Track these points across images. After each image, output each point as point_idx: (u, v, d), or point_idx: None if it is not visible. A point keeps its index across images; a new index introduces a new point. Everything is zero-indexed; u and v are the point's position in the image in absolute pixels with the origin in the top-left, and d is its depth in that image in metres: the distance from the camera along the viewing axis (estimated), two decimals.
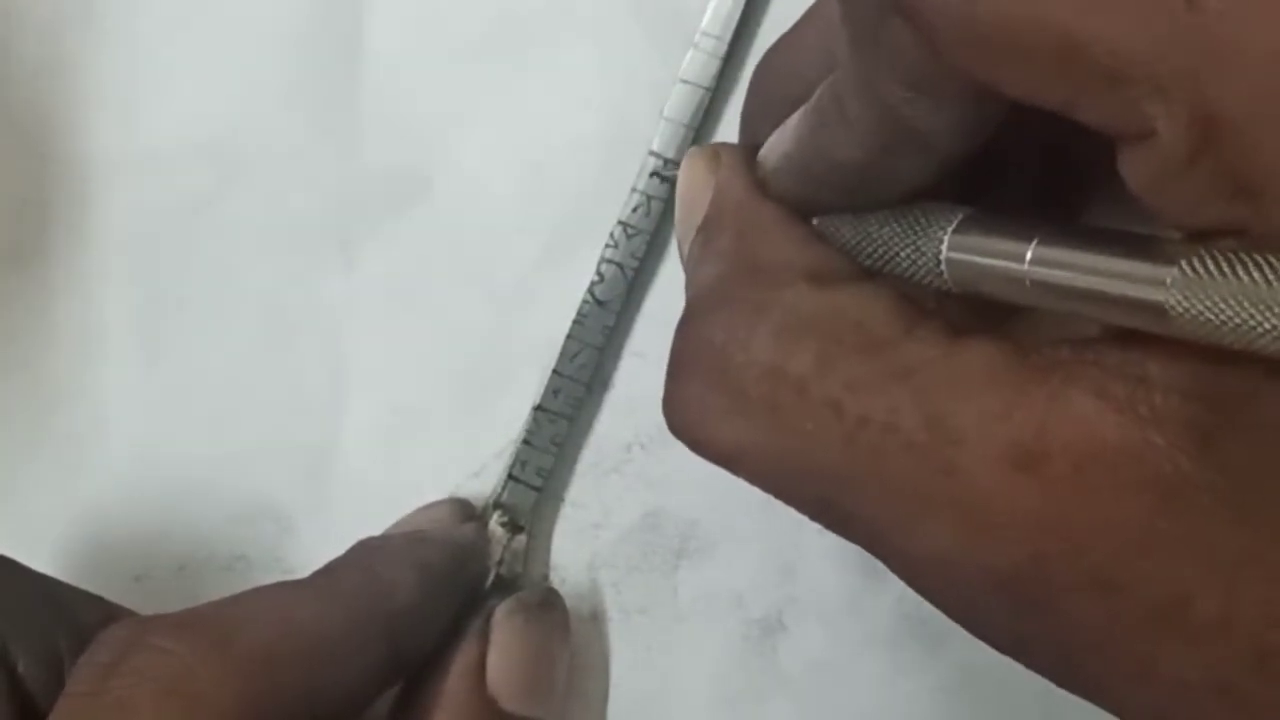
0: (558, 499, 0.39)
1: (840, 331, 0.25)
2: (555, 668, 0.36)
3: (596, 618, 0.38)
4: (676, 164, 0.37)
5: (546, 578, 0.39)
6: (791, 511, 0.37)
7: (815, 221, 0.28)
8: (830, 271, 0.27)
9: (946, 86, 0.23)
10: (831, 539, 0.37)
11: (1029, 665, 0.24)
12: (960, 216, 0.25)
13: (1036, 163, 0.29)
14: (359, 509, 0.39)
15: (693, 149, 0.32)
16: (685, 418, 0.27)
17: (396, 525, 0.39)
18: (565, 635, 0.37)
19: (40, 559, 0.33)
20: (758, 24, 0.37)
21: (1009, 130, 0.25)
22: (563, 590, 0.38)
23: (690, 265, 0.30)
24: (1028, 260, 0.23)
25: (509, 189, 0.39)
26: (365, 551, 0.35)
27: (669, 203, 0.37)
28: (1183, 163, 0.20)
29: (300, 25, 0.40)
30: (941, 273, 0.25)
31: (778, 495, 0.26)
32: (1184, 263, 0.20)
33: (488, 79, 0.39)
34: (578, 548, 0.39)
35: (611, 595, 0.39)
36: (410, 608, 0.34)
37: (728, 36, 0.37)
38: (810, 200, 0.29)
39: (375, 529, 0.38)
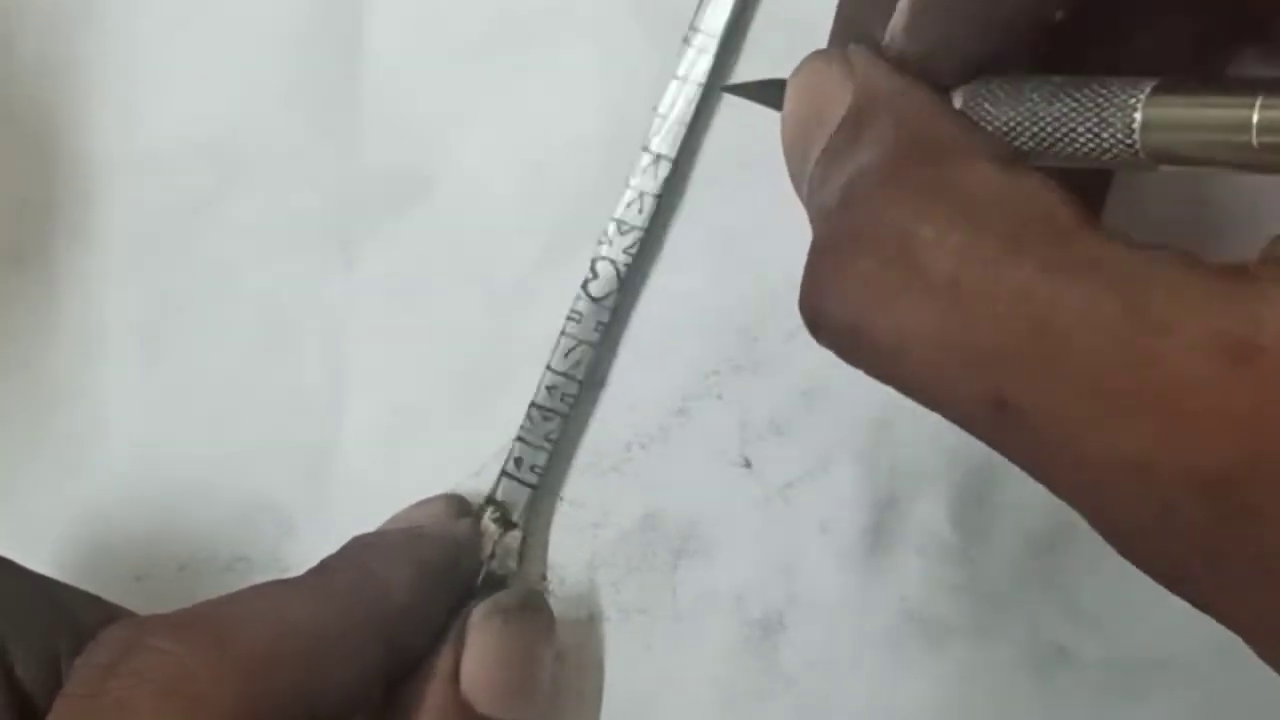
0: (554, 496, 0.39)
1: (1029, 216, 0.23)
2: (536, 669, 0.36)
3: (595, 618, 0.38)
4: (669, 159, 0.37)
5: (544, 575, 0.39)
6: (792, 512, 0.37)
7: (961, 100, 0.27)
8: (1012, 155, 0.25)
9: None
10: (832, 539, 0.37)
11: (1203, 586, 0.22)
12: (1154, 82, 0.24)
13: (1170, 23, 0.28)
14: (359, 509, 0.39)
15: (814, 52, 0.29)
16: (846, 302, 0.25)
17: (391, 520, 0.38)
18: (549, 636, 0.37)
19: (40, 559, 0.33)
20: (750, 20, 0.37)
21: None
22: (562, 590, 0.38)
23: (829, 164, 0.27)
24: (1255, 122, 0.22)
25: (509, 189, 0.39)
26: (361, 549, 0.35)
27: (663, 199, 0.37)
28: None
29: (300, 25, 0.40)
30: (1131, 139, 0.24)
31: (938, 396, 0.24)
32: None
33: (488, 79, 0.39)
34: (577, 547, 0.39)
35: (611, 595, 0.39)
36: (407, 605, 0.34)
37: (719, 33, 0.37)
38: (928, 52, 0.27)
39: (374, 528, 0.38)
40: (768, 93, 0.31)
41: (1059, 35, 0.26)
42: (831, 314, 0.25)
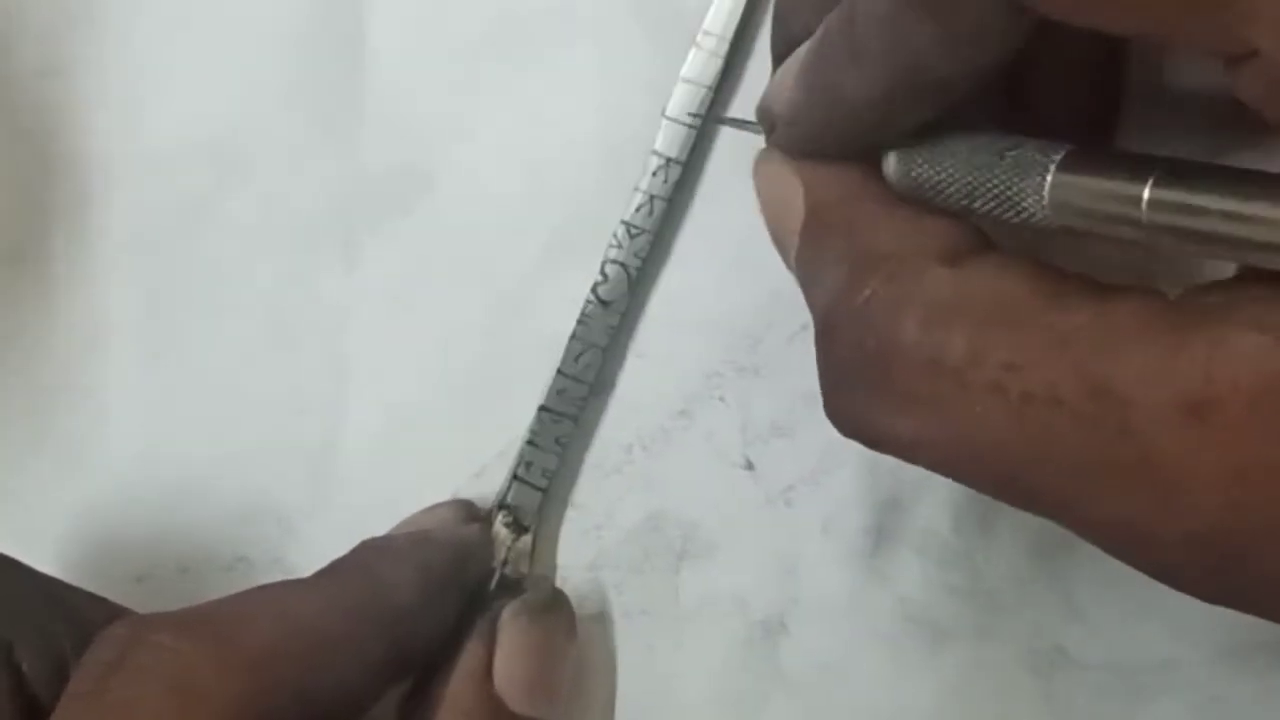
0: (562, 500, 0.39)
1: (986, 311, 0.25)
2: (561, 668, 0.36)
3: (598, 619, 0.38)
4: (679, 162, 0.37)
5: (547, 577, 0.39)
6: (793, 513, 0.37)
7: (891, 165, 0.28)
8: (958, 245, 0.26)
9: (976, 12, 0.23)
10: (833, 541, 0.37)
11: (1242, 610, 0.23)
12: (1062, 152, 0.25)
13: (1060, 85, 0.29)
14: (359, 509, 0.39)
15: (762, 152, 0.31)
16: (856, 425, 0.27)
17: (400, 526, 0.38)
18: (571, 636, 0.37)
19: (42, 560, 0.33)
20: (759, 23, 0.37)
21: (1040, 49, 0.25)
22: (565, 591, 0.38)
23: (805, 271, 0.29)
24: (1145, 199, 0.22)
25: (509, 189, 0.39)
26: (367, 551, 0.35)
27: (672, 202, 0.37)
28: None
29: (301, 25, 0.40)
30: (1043, 211, 0.25)
31: (962, 481, 0.26)
32: None
33: (488, 79, 0.39)
34: (579, 549, 0.39)
35: (613, 596, 0.39)
36: (412, 608, 0.34)
37: (729, 36, 0.37)
38: (823, 145, 0.29)
39: (376, 529, 0.38)
40: (755, 127, 0.32)
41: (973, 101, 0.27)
42: (847, 429, 0.27)
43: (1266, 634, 0.36)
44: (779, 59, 0.31)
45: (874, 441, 0.27)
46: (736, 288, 0.38)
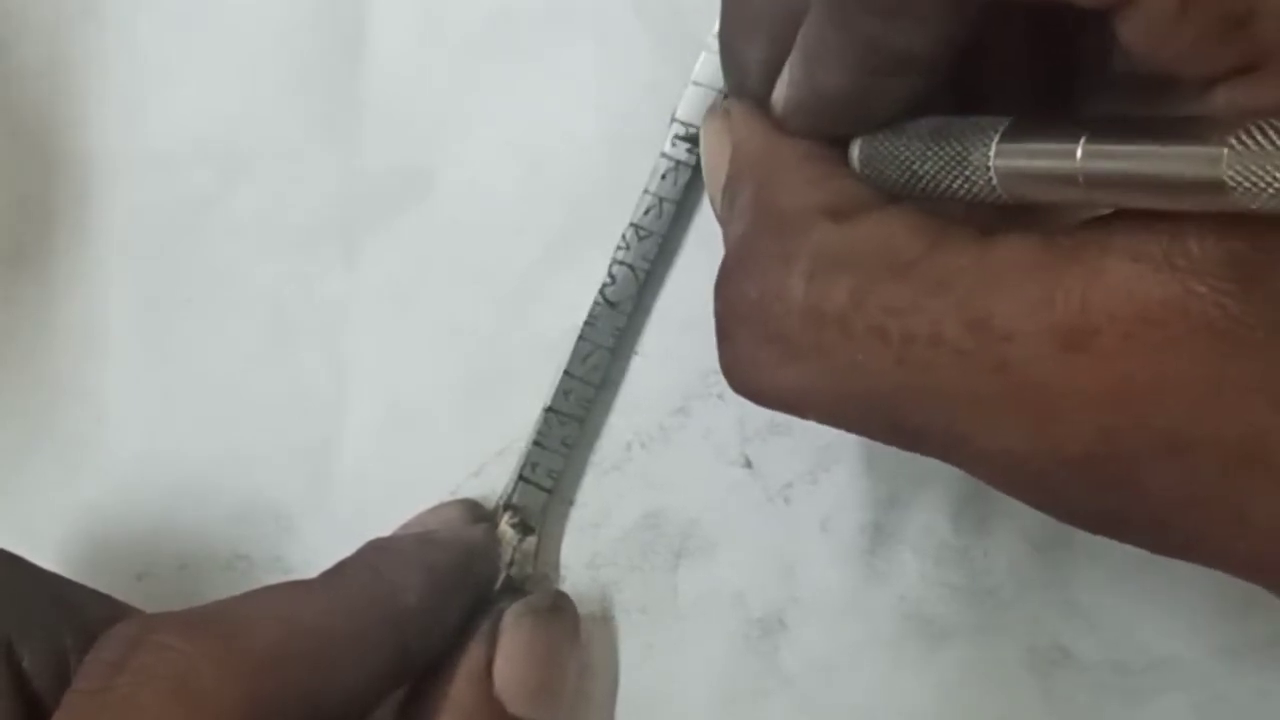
0: (566, 501, 0.39)
1: (869, 260, 0.25)
2: (564, 671, 0.36)
3: (598, 618, 0.38)
4: (689, 165, 0.37)
5: (548, 576, 0.39)
6: (792, 511, 0.38)
7: (856, 152, 0.29)
8: (849, 204, 0.27)
9: (919, 5, 0.24)
10: (832, 539, 0.37)
11: (1122, 540, 0.24)
12: (1004, 125, 0.25)
13: (1022, 65, 0.29)
14: (359, 508, 0.40)
15: (707, 113, 0.32)
16: (741, 375, 0.28)
17: (406, 526, 0.38)
18: (575, 639, 0.37)
19: (42, 557, 0.33)
20: None
21: (992, 34, 0.26)
22: (562, 589, 0.38)
23: (722, 224, 0.30)
24: (1079, 156, 0.23)
25: (510, 188, 0.39)
26: (373, 552, 0.35)
27: (681, 205, 0.37)
28: (1174, 13, 0.21)
29: (302, 25, 0.40)
30: (991, 183, 0.25)
31: (849, 429, 0.27)
32: (1236, 136, 0.20)
33: (489, 78, 0.39)
34: (578, 547, 0.39)
35: (612, 594, 0.39)
36: (418, 609, 0.34)
37: None
38: (817, 133, 0.29)
39: (376, 528, 0.37)
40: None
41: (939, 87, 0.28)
42: (734, 383, 0.28)
43: (1266, 632, 0.36)
44: (735, 87, 0.32)
45: (764, 396, 0.28)
46: None
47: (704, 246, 0.38)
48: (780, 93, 0.30)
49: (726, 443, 0.38)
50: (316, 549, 0.39)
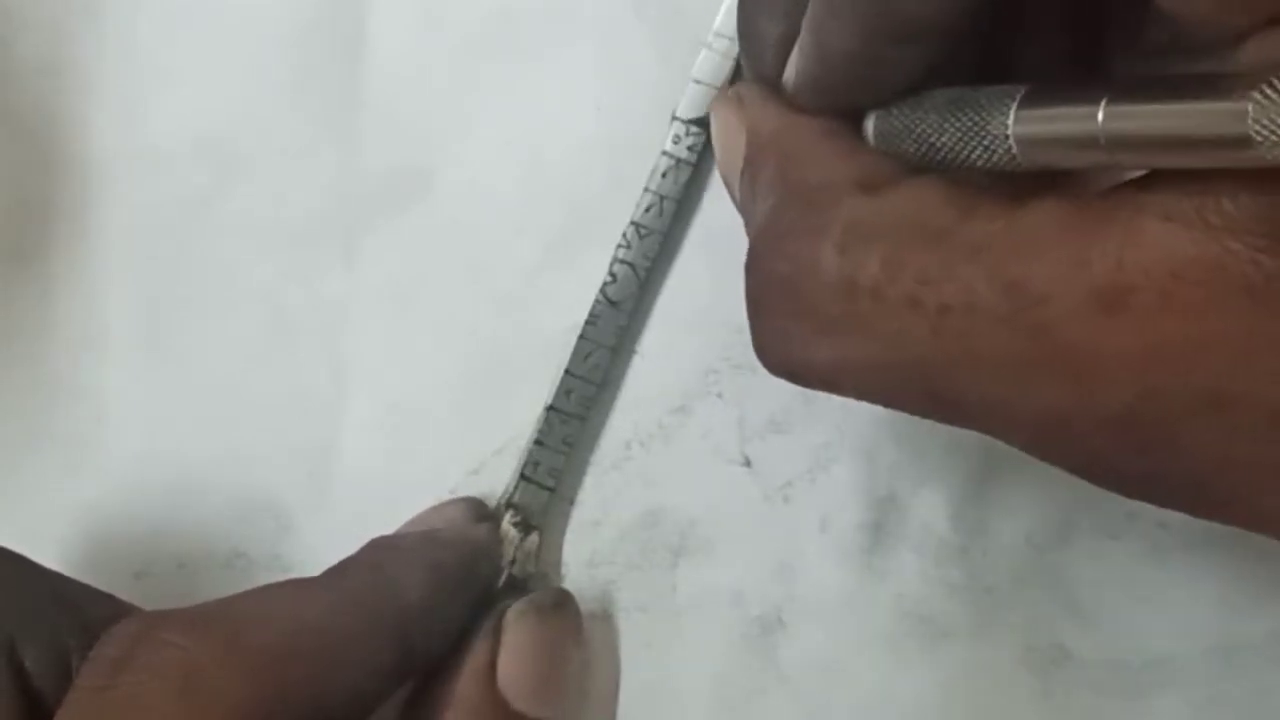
0: (567, 500, 0.39)
1: (901, 230, 0.25)
2: (567, 668, 0.36)
3: (599, 616, 0.38)
4: (689, 163, 0.37)
5: (557, 578, 0.39)
6: (791, 510, 0.38)
7: (870, 127, 0.29)
8: (877, 175, 0.27)
9: None
10: (831, 538, 0.37)
11: (1161, 503, 0.24)
12: (1021, 92, 0.25)
13: (1047, 38, 0.29)
14: (359, 507, 0.40)
15: (716, 97, 0.32)
16: (775, 352, 0.28)
17: (409, 524, 0.38)
18: (577, 636, 0.37)
19: (41, 556, 0.33)
20: None
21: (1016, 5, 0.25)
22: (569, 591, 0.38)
23: (743, 206, 0.30)
24: (1100, 118, 0.22)
25: (510, 188, 0.39)
26: (377, 551, 0.35)
27: (682, 203, 0.37)
28: None
29: (302, 24, 0.40)
30: (1011, 151, 0.25)
31: (885, 402, 0.26)
32: (1261, 90, 0.20)
33: (489, 78, 0.39)
34: (578, 545, 0.39)
35: (611, 592, 0.39)
36: (421, 608, 0.34)
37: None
38: (830, 108, 0.29)
39: (375, 527, 0.37)
40: None
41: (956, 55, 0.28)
42: (769, 361, 0.28)
43: (1265, 632, 0.36)
44: (752, 66, 0.32)
45: (799, 372, 0.27)
46: (734, 283, 0.38)
47: (704, 245, 0.38)
48: (792, 68, 0.30)
49: (726, 442, 0.38)
50: (315, 548, 0.40)
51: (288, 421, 0.40)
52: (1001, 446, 0.31)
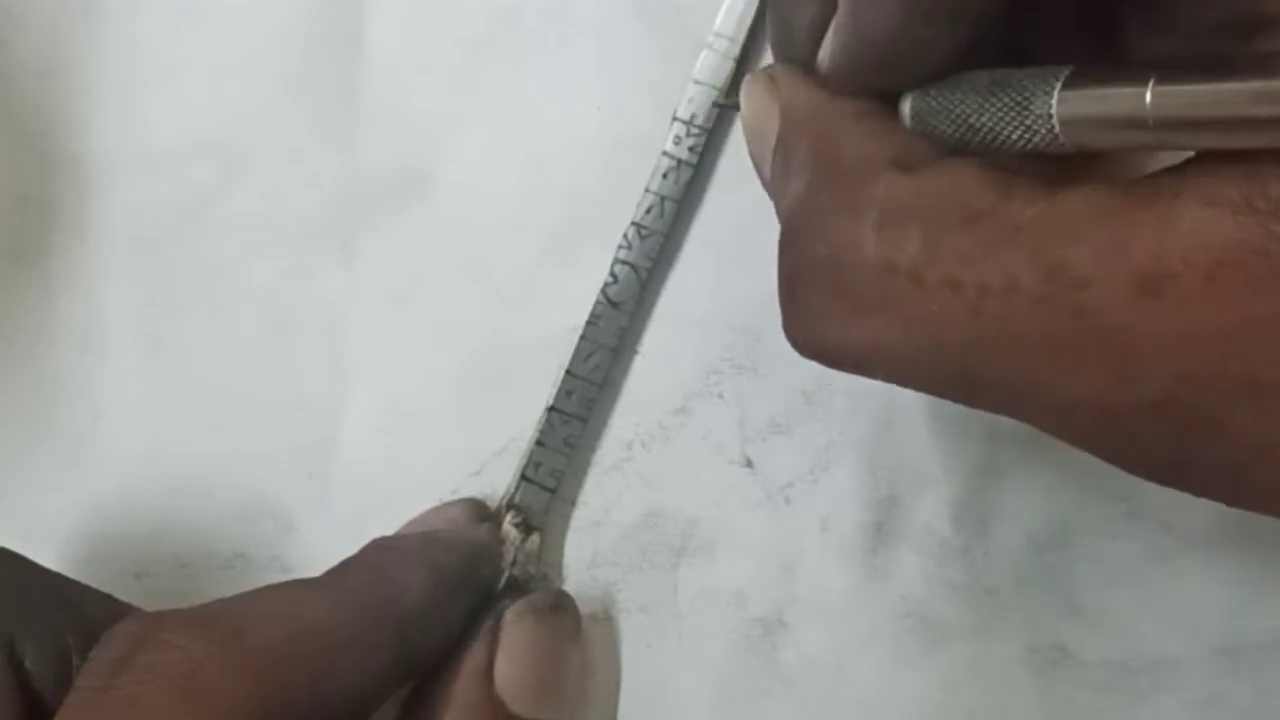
0: (569, 500, 0.39)
1: (940, 210, 0.25)
2: (565, 670, 0.36)
3: (597, 616, 0.38)
4: (690, 164, 0.37)
5: (558, 579, 0.39)
6: (792, 511, 0.38)
7: (907, 108, 0.28)
8: (914, 155, 0.27)
9: None
10: (832, 539, 0.37)
11: (1196, 491, 0.24)
12: (1065, 73, 0.25)
13: (1070, 18, 0.29)
14: (359, 508, 0.40)
15: (749, 77, 0.32)
16: (808, 334, 0.27)
17: (410, 525, 0.38)
18: (576, 638, 0.37)
19: (41, 556, 0.33)
20: None
21: None
22: (564, 588, 0.38)
23: (775, 187, 0.30)
24: (1149, 99, 0.22)
25: (509, 188, 0.39)
26: (378, 551, 0.35)
27: (682, 204, 0.37)
28: None
29: (301, 24, 0.40)
30: (1054, 132, 0.25)
31: (916, 385, 0.26)
32: None
33: (489, 78, 0.39)
34: (579, 546, 0.39)
35: (612, 593, 0.39)
36: (422, 609, 0.34)
37: (741, 38, 0.37)
38: (866, 88, 0.29)
39: (374, 527, 0.37)
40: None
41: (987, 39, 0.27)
42: (801, 342, 0.28)
43: (1265, 632, 0.36)
44: (781, 49, 0.32)
45: (831, 355, 0.27)
46: (736, 285, 0.38)
47: (705, 246, 0.38)
48: (827, 49, 0.29)
49: (727, 442, 0.38)
50: (315, 548, 0.40)
51: (288, 421, 0.40)
52: (1003, 447, 0.31)
